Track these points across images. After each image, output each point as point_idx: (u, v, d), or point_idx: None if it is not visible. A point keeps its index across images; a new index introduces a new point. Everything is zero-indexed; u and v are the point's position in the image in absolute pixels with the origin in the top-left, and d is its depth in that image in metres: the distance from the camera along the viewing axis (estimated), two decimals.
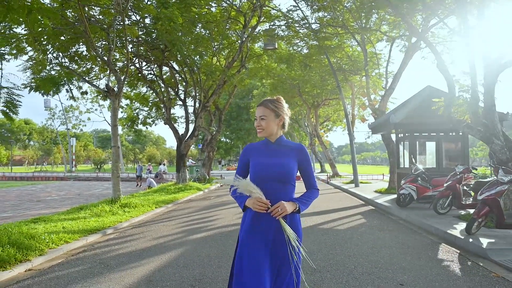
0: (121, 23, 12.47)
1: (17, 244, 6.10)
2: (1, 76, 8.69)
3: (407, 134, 13.71)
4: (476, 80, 9.18)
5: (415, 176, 11.23)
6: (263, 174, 2.57)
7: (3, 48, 11.71)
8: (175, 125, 22.88)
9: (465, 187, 10.21)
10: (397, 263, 5.65)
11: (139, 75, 19.46)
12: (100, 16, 13.66)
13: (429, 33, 15.91)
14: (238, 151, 65.11)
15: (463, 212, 9.89)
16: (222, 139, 59.09)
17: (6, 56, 12.22)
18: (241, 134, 58.71)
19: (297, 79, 27.31)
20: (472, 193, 10.13)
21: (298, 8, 18.51)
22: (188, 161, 36.04)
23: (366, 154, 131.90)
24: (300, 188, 2.58)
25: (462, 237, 6.95)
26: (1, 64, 8.92)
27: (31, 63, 13.63)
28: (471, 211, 9.56)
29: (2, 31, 11.54)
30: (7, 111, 8.71)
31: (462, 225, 8.05)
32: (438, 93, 12.65)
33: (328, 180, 25.82)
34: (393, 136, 15.79)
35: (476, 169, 11.36)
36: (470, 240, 6.69)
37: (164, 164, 34.90)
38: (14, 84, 9.04)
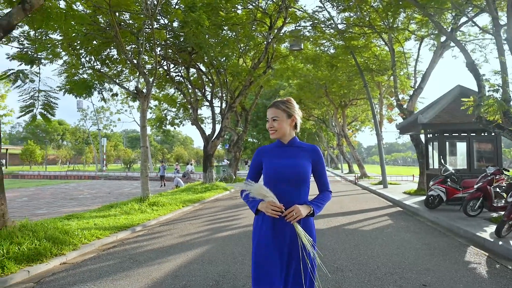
0: (150, 27, 12.79)
1: (53, 239, 6.42)
2: (39, 80, 9.08)
3: (436, 135, 13.48)
4: (507, 79, 8.98)
5: (444, 178, 11.03)
6: (277, 176, 2.51)
7: (40, 54, 12.21)
8: (202, 125, 23.25)
9: (497, 189, 9.97)
10: (421, 264, 5.64)
11: (167, 77, 19.85)
12: (130, 21, 14.04)
13: (459, 32, 15.62)
14: None
15: (494, 215, 9.67)
16: (249, 139, 59.27)
17: (42, 61, 12.74)
18: (268, 134, 58.63)
19: (324, 79, 27.19)
20: (505, 195, 9.89)
21: (324, 9, 18.46)
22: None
23: (396, 155, 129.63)
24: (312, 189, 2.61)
25: (492, 240, 6.84)
26: (39, 69, 9.31)
27: (65, 67, 14.16)
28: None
29: (39, 37, 12.02)
30: (45, 113, 9.09)
31: (493, 228, 7.91)
32: (469, 93, 12.39)
33: (356, 181, 25.58)
34: (422, 137, 15.56)
35: (509, 171, 11.06)
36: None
37: (191, 164, 35.35)
38: (50, 87, 9.44)
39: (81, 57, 14.34)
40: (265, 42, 19.64)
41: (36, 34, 12.12)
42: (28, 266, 5.45)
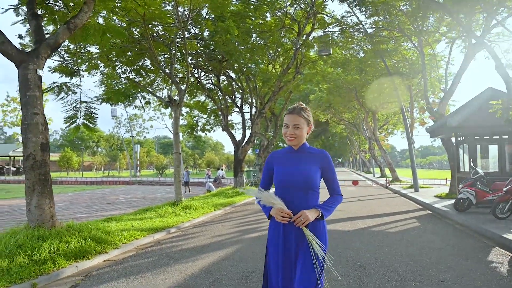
0: (182, 37, 13.36)
1: (96, 238, 7.00)
2: (81, 92, 9.76)
3: (468, 138, 13.42)
4: None
5: (473, 180, 11.01)
6: (286, 182, 2.61)
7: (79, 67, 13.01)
8: (233, 131, 23.69)
9: None
10: (443, 263, 5.84)
11: (198, 84, 20.47)
12: (163, 32, 14.69)
13: (492, 32, 15.43)
14: None
15: None
16: (279, 144, 59.53)
17: (81, 73, 13.55)
18: None
19: (353, 83, 27.20)
20: None
21: (352, 13, 18.58)
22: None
23: (432, 158, 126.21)
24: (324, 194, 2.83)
25: None
26: (80, 81, 9.99)
27: (104, 77, 14.95)
28: None
29: (78, 50, 12.79)
30: (87, 123, 9.77)
31: None
32: (500, 95, 12.25)
33: (387, 184, 25.44)
34: (454, 140, 15.47)
35: None
36: None
37: (222, 169, 35.89)
38: (91, 99, 10.12)
39: (116, 68, 15.11)
40: (294, 48, 19.94)
41: (76, 48, 12.93)
42: (76, 262, 6.00)
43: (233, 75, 21.83)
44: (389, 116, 39.60)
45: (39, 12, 8.24)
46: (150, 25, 13.12)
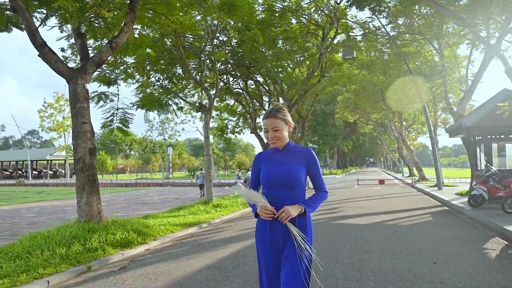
0: (211, 47, 14.30)
1: (138, 231, 7.99)
2: (118, 100, 10.84)
3: (483, 137, 13.78)
4: None
5: (486, 177, 11.46)
6: (271, 181, 2.68)
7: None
8: (261, 133, 24.46)
9: None
10: (440, 250, 6.58)
11: (227, 89, 21.40)
12: (193, 42, 15.68)
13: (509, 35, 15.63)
14: (325, 156, 65.76)
15: None
16: (309, 145, 59.91)
17: (118, 81, 14.71)
18: (328, 139, 59.22)
19: (379, 84, 27.54)
20: None
21: (375, 18, 19.00)
22: None
23: (464, 157, 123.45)
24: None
25: None
26: (118, 90, 11.07)
27: (139, 84, 16.08)
28: None
29: (116, 61, 13.93)
30: (122, 126, 10.85)
31: None
32: None
33: (413, 183, 25.71)
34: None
35: None
36: None
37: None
38: (127, 105, 11.20)
39: (150, 76, 16.22)
40: (319, 53, 20.50)
41: (114, 59, 14.09)
42: (121, 250, 6.99)
43: (260, 79, 22.60)
44: (416, 116, 39.52)
45: (82, 30, 9.29)
46: (181, 37, 14.12)
